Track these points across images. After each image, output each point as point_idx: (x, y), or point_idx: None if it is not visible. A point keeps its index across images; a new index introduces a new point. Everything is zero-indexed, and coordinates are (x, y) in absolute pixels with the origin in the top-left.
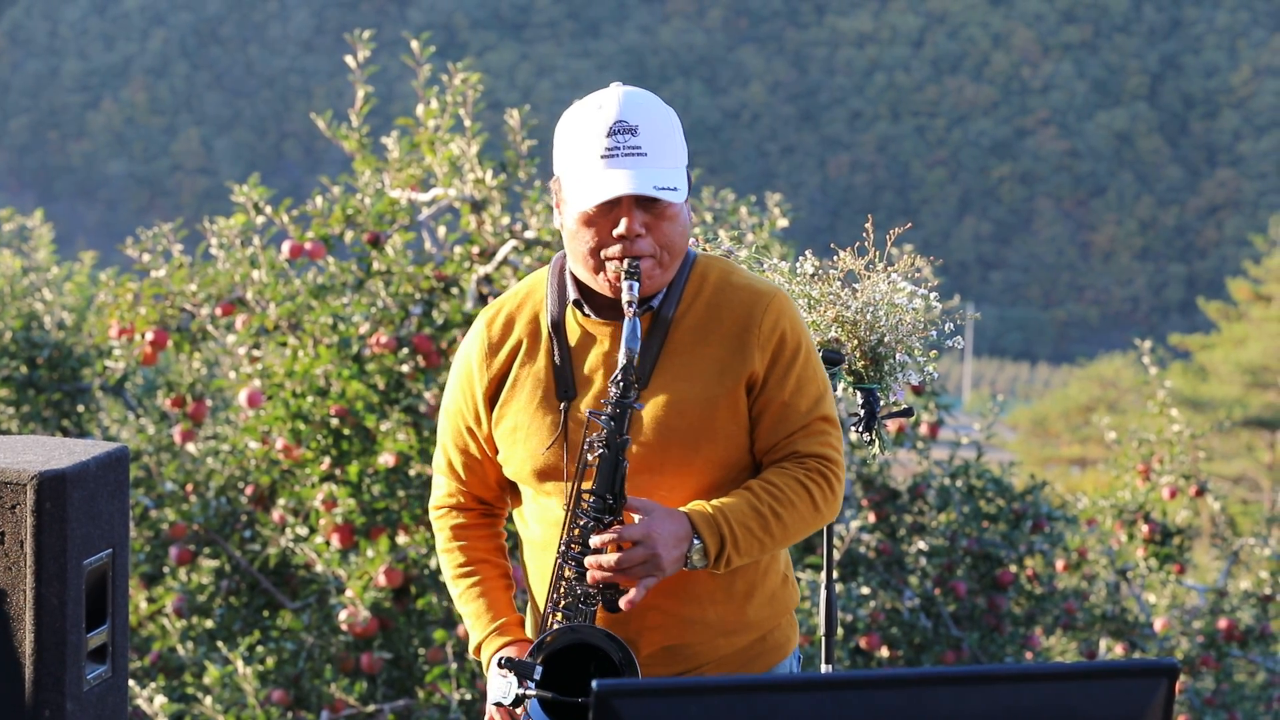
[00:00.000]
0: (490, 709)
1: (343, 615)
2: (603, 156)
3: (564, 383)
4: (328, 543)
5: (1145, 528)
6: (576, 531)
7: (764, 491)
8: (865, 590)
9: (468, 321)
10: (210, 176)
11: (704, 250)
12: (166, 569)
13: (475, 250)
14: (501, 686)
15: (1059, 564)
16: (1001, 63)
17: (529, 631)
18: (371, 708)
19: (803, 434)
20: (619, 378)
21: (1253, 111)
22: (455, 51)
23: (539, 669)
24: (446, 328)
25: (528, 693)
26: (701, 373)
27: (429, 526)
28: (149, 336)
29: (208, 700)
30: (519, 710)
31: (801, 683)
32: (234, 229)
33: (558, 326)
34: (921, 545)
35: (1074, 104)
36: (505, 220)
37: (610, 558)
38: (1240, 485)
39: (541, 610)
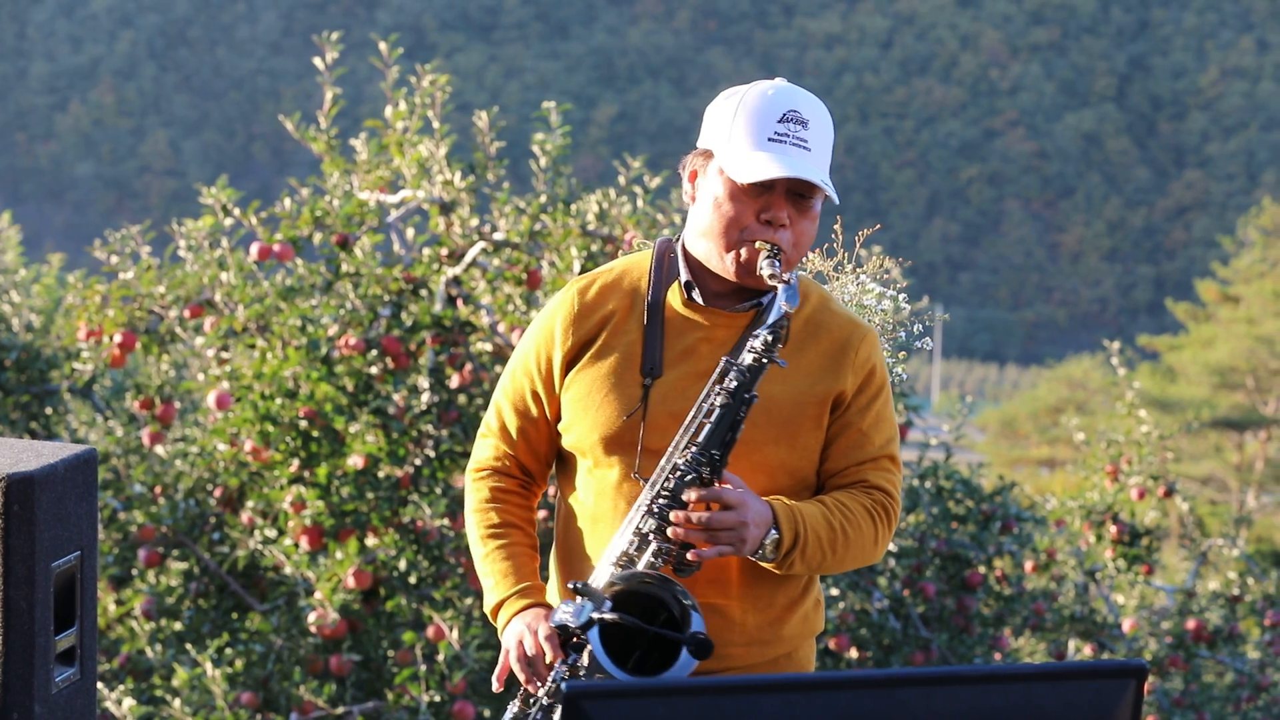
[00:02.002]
0: (510, 659)
1: (312, 617)
2: (770, 139)
3: (652, 359)
4: (296, 545)
5: (1114, 528)
6: (670, 483)
7: (837, 508)
8: (834, 591)
9: (437, 323)
10: (178, 178)
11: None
12: (135, 571)
13: (444, 252)
14: (571, 608)
15: (1028, 565)
16: (969, 64)
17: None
18: (340, 710)
19: (872, 466)
20: (767, 331)
21: (1220, 113)
22: (423, 53)
23: (608, 603)
24: (415, 329)
25: (605, 615)
26: (794, 380)
27: (398, 528)
28: (117, 338)
29: (176, 703)
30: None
31: (769, 684)
32: (202, 231)
33: (657, 302)
34: (890, 546)
35: (1042, 105)
36: (474, 222)
37: (700, 515)
38: (1208, 486)
39: (602, 562)
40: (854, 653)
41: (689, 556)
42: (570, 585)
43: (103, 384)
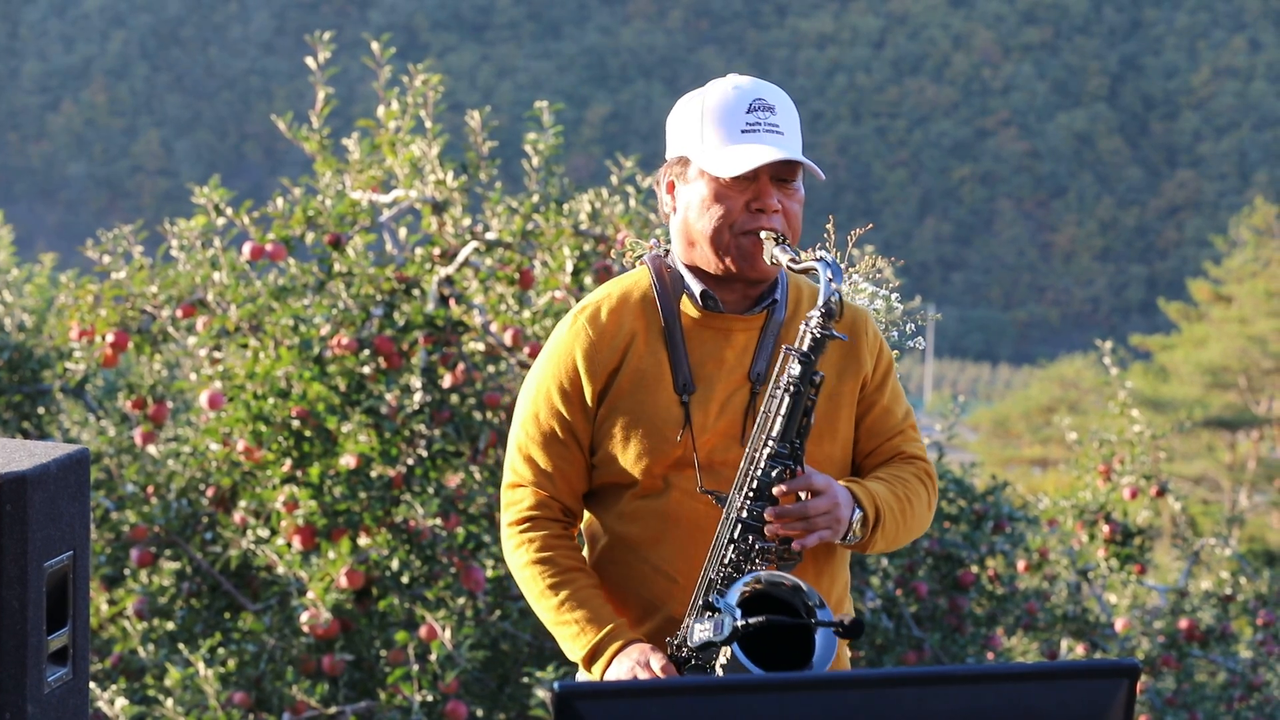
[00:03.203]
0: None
1: (304, 617)
2: (744, 131)
3: (683, 375)
4: (289, 544)
5: (1106, 528)
6: (755, 483)
7: (895, 480)
8: None
9: (429, 323)
10: (171, 178)
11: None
12: (127, 571)
13: (436, 252)
14: (710, 624)
15: (1020, 564)
16: (962, 64)
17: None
18: (333, 709)
19: (901, 437)
20: (820, 310)
21: (1212, 112)
22: (416, 53)
23: (739, 611)
24: (408, 329)
25: (751, 620)
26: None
27: (390, 528)
28: (109, 338)
29: (169, 702)
30: (720, 656)
31: (762, 684)
32: (195, 230)
33: (672, 317)
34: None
35: (1034, 105)
36: (466, 222)
37: (795, 506)
38: (1201, 485)
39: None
40: (846, 652)
41: (793, 546)
42: (709, 600)
43: (95, 384)
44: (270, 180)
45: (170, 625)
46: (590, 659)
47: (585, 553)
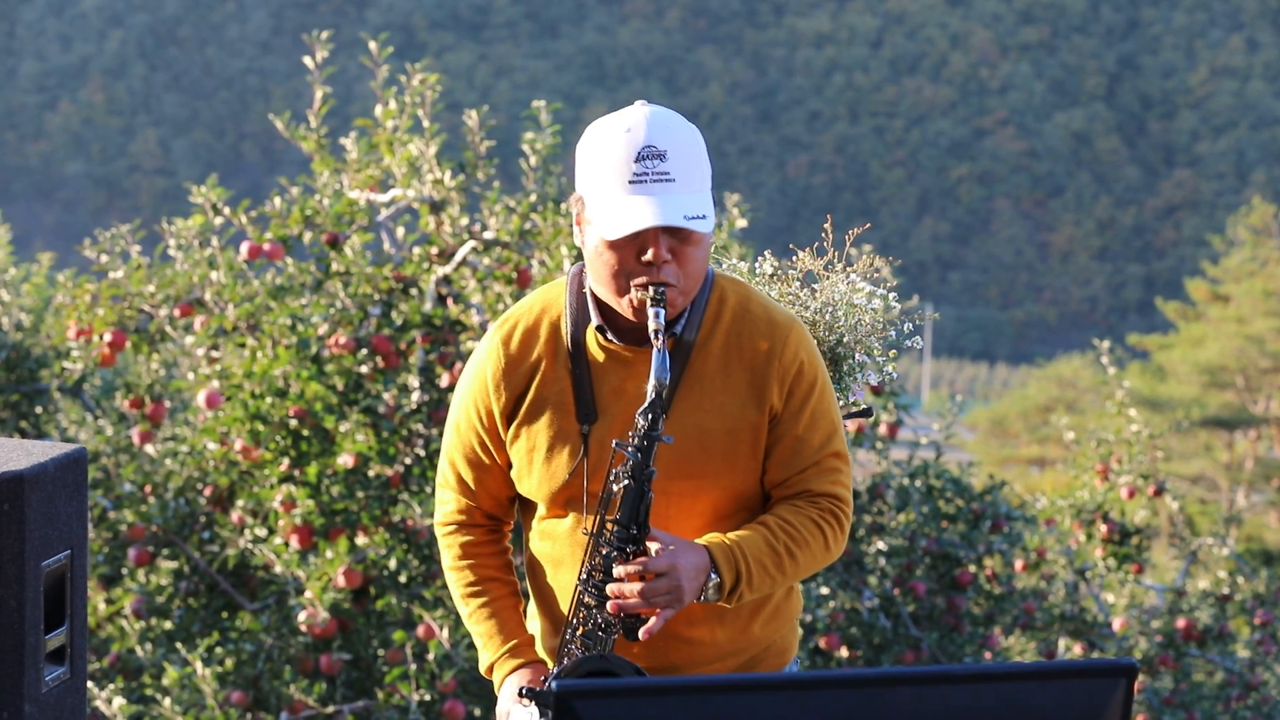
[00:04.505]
0: None
1: (302, 616)
2: (630, 182)
3: (585, 405)
4: (286, 544)
5: (1104, 527)
6: (598, 560)
7: (780, 529)
8: (824, 590)
9: (427, 322)
10: (168, 177)
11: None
12: (125, 570)
13: (434, 251)
14: (523, 716)
15: (1018, 564)
16: (959, 63)
17: (538, 646)
18: (331, 709)
19: (815, 471)
20: (647, 410)
21: (1210, 112)
22: (413, 52)
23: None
24: (405, 328)
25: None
26: (723, 404)
27: (388, 527)
28: (107, 337)
29: (166, 702)
30: None
31: (759, 683)
32: (192, 230)
33: (578, 347)
34: (881, 545)
35: (1032, 104)
36: (464, 221)
37: (634, 587)
38: (1198, 485)
39: (553, 629)
40: (844, 651)
41: (640, 634)
42: (519, 692)
43: (92, 383)
44: (268, 180)
45: (168, 624)
46: (489, 672)
47: (524, 562)
